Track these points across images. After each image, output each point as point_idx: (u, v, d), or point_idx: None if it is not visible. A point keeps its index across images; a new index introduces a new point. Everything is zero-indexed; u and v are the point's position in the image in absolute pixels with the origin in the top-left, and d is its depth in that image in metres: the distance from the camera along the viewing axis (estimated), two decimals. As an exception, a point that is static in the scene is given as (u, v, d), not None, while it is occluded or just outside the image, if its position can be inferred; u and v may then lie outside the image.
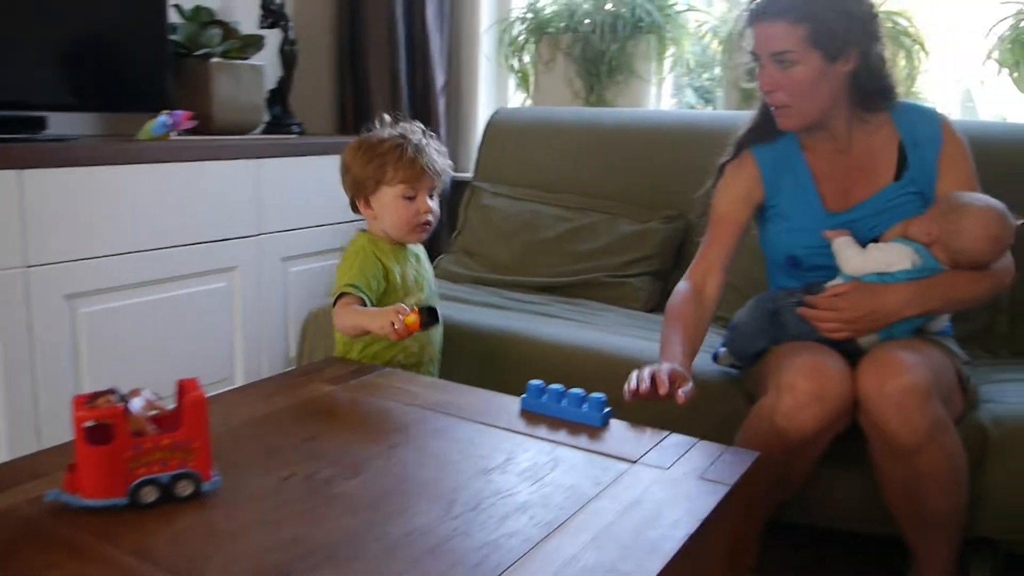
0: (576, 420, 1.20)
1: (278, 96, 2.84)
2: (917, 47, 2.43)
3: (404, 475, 1.03)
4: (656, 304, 2.21)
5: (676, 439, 1.16)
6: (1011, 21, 2.36)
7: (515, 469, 1.05)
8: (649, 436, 1.16)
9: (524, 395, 1.26)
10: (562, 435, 1.16)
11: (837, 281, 1.52)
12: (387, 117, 1.62)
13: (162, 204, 2.12)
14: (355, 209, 1.63)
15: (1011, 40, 2.39)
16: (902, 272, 1.46)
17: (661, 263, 2.24)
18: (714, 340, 1.83)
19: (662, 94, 2.94)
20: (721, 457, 1.10)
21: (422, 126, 1.61)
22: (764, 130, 1.63)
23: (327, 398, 1.28)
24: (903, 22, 2.43)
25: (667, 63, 2.90)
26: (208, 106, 2.48)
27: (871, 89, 1.52)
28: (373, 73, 3.03)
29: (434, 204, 1.57)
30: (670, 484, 1.02)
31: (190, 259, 2.20)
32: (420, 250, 1.69)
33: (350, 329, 1.49)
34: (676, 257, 2.26)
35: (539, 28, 3.00)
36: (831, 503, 1.52)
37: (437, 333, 1.64)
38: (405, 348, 1.55)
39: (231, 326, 2.34)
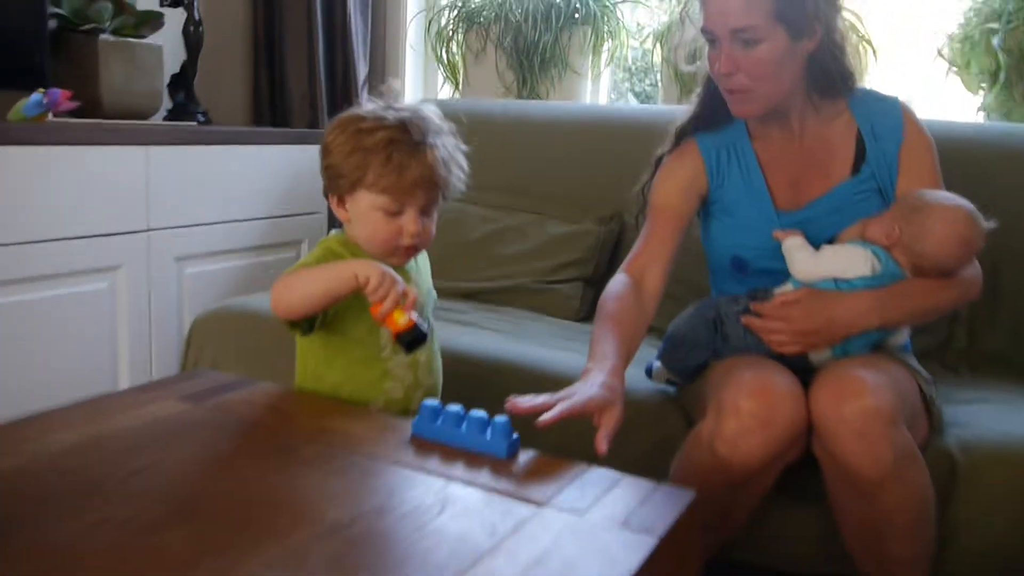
0: (477, 449, 0.98)
1: (181, 82, 2.59)
2: (865, 45, 2.29)
3: (248, 521, 0.80)
4: (589, 313, 2.01)
5: (597, 474, 0.95)
6: (960, 19, 2.24)
7: (392, 514, 0.83)
8: (564, 471, 0.95)
9: (415, 418, 1.04)
10: (458, 468, 0.94)
11: (787, 287, 1.34)
12: (395, 86, 1.24)
13: (33, 192, 1.87)
14: (328, 200, 1.24)
15: (960, 39, 2.27)
16: (860, 279, 1.28)
17: (594, 268, 2.05)
18: (648, 353, 1.64)
19: (599, 89, 2.76)
20: (650, 497, 0.90)
21: (438, 114, 1.20)
22: (708, 117, 1.45)
23: (176, 419, 1.05)
24: (852, 18, 2.29)
25: (604, 57, 2.73)
26: (95, 88, 2.23)
27: (831, 71, 1.36)
28: (290, 63, 2.80)
29: (428, 222, 1.18)
30: (585, 534, 0.81)
31: (65, 255, 1.95)
32: (417, 264, 1.27)
33: (301, 297, 1.12)
34: (610, 262, 2.07)
35: (468, 17, 2.80)
36: (781, 542, 1.33)
37: (433, 375, 1.27)
38: (386, 392, 1.20)
39: (114, 332, 2.08)
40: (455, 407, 1.02)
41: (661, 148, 1.50)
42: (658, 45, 2.63)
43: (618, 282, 1.40)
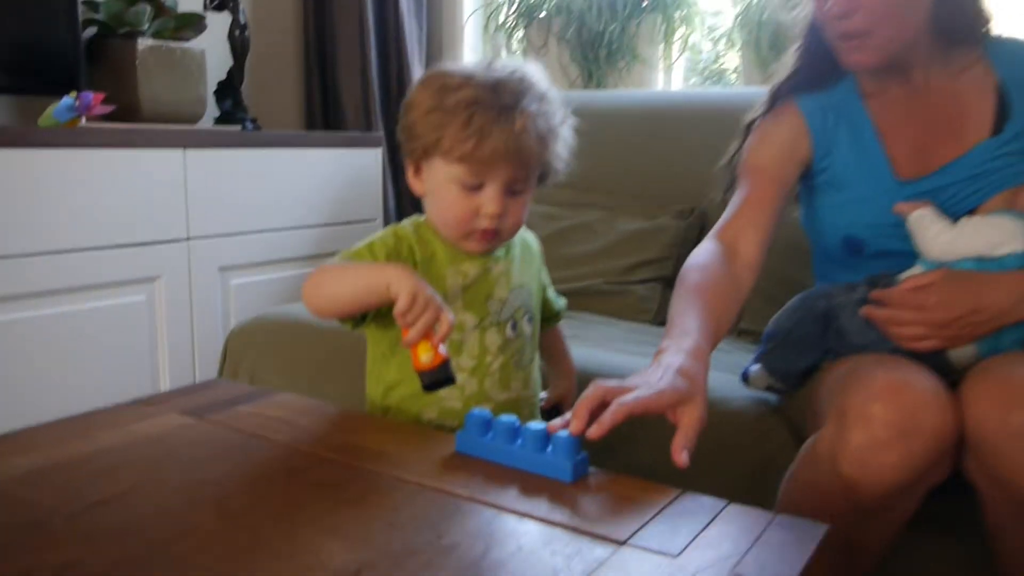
0: (535, 471, 0.77)
1: (228, 88, 2.47)
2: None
3: (224, 569, 0.60)
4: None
5: (693, 503, 0.72)
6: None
7: (419, 556, 0.62)
8: (648, 497, 0.73)
9: (460, 431, 0.83)
10: (511, 496, 0.73)
11: (916, 270, 1.09)
12: (503, 49, 1.05)
13: (64, 199, 1.74)
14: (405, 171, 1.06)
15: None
16: (1012, 256, 1.03)
17: (673, 267, 1.81)
18: (739, 358, 1.41)
19: (671, 82, 2.54)
20: (767, 534, 0.67)
21: (544, 77, 1.02)
22: (810, 75, 1.22)
23: (171, 436, 0.86)
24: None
25: (676, 46, 2.51)
26: (134, 94, 2.10)
27: (964, 12, 1.12)
28: (342, 69, 2.66)
29: (516, 205, 0.99)
30: (683, 585, 0.59)
31: (99, 266, 1.82)
32: (512, 255, 1.07)
33: (330, 298, 0.95)
34: (691, 260, 1.84)
35: (528, 11, 2.62)
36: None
37: (512, 390, 1.04)
38: (440, 401, 1.00)
39: (154, 347, 1.94)
40: (509, 418, 0.81)
41: (753, 113, 1.28)
42: (733, 36, 2.41)
43: (704, 250, 1.16)
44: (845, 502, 0.92)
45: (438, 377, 0.87)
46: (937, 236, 1.07)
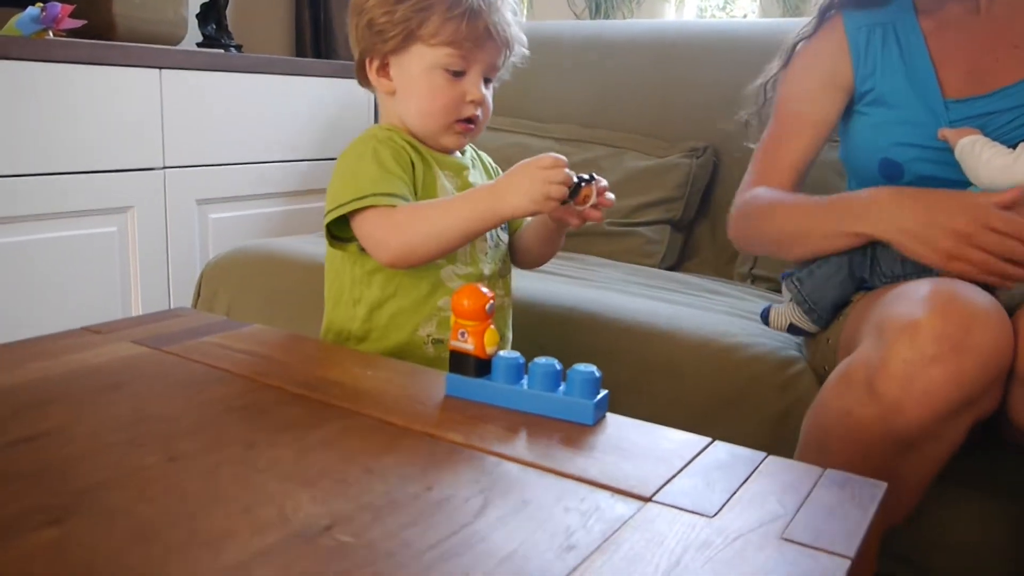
0: (545, 413, 0.66)
1: (212, 11, 2.32)
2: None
3: (169, 522, 0.49)
4: (676, 261, 1.67)
5: (724, 453, 0.61)
6: None
7: (401, 512, 0.51)
8: (675, 447, 0.62)
9: (450, 372, 0.72)
10: (515, 442, 0.62)
11: (967, 198, 0.98)
12: None
13: (25, 119, 1.60)
14: (362, 79, 1.01)
15: None
16: (1078, 185, 0.92)
17: (684, 208, 1.69)
18: (754, 304, 1.30)
19: (684, 16, 2.39)
20: (816, 490, 0.56)
21: None
22: None
23: (119, 367, 0.75)
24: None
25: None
26: (107, 11, 1.95)
27: None
28: (335, -5, 2.51)
29: (488, 95, 0.96)
30: (723, 551, 0.48)
31: (65, 193, 1.69)
32: (481, 160, 1.05)
33: (422, 242, 0.88)
34: (703, 201, 1.72)
35: (534, -64, 2.47)
36: (951, 550, 0.97)
37: (508, 300, 1.03)
38: (438, 312, 0.93)
39: (125, 282, 1.82)
40: (511, 354, 0.70)
41: (798, 33, 1.17)
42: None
43: (759, 192, 1.14)
44: (883, 431, 0.80)
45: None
46: (991, 160, 0.95)
